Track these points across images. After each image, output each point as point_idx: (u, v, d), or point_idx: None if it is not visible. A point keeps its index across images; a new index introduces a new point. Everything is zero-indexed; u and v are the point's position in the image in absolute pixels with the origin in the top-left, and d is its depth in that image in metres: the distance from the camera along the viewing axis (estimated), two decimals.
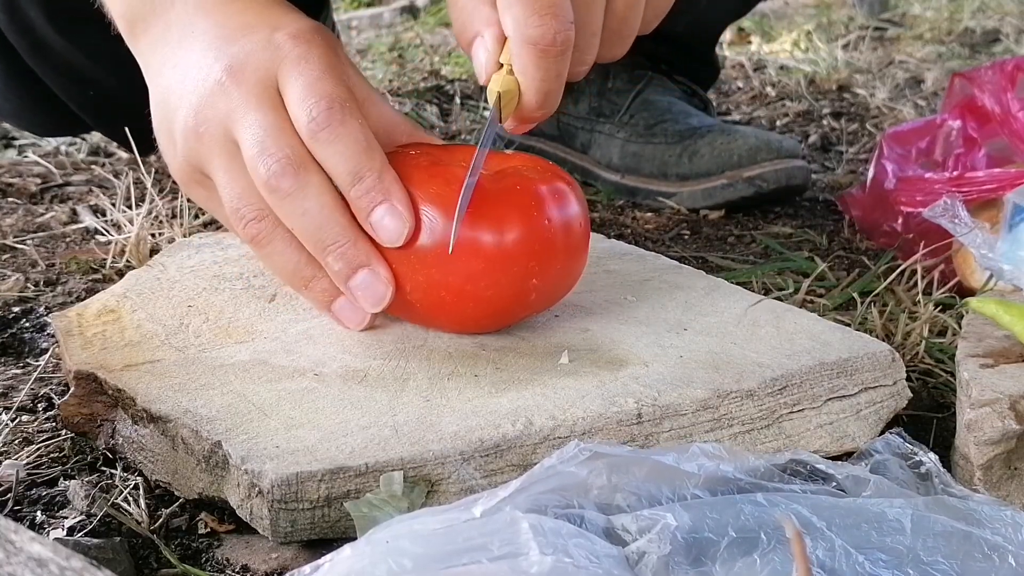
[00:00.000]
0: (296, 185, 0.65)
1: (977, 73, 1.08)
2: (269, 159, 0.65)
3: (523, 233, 0.67)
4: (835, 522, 0.53)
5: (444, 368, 0.68)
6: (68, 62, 1.06)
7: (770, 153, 1.21)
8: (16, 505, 0.66)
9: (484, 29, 0.66)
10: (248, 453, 0.59)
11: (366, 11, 2.61)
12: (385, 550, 0.46)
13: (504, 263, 0.67)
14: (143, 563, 0.61)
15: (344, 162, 0.65)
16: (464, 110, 1.69)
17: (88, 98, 1.11)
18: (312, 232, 0.67)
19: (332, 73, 0.67)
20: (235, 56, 0.67)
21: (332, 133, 0.65)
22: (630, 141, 1.27)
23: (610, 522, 0.52)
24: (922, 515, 0.54)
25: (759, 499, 0.54)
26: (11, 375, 0.82)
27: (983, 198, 0.95)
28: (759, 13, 2.40)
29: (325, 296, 0.70)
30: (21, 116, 1.24)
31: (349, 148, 0.65)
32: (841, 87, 1.85)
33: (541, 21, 0.63)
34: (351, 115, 0.66)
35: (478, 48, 0.67)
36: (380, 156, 0.66)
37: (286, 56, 0.67)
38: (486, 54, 0.67)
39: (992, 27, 2.33)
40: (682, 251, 1.10)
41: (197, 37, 0.70)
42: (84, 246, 1.12)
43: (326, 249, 0.67)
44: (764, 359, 0.69)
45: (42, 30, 1.02)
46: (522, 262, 0.67)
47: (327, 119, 0.65)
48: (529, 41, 0.63)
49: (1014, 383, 0.65)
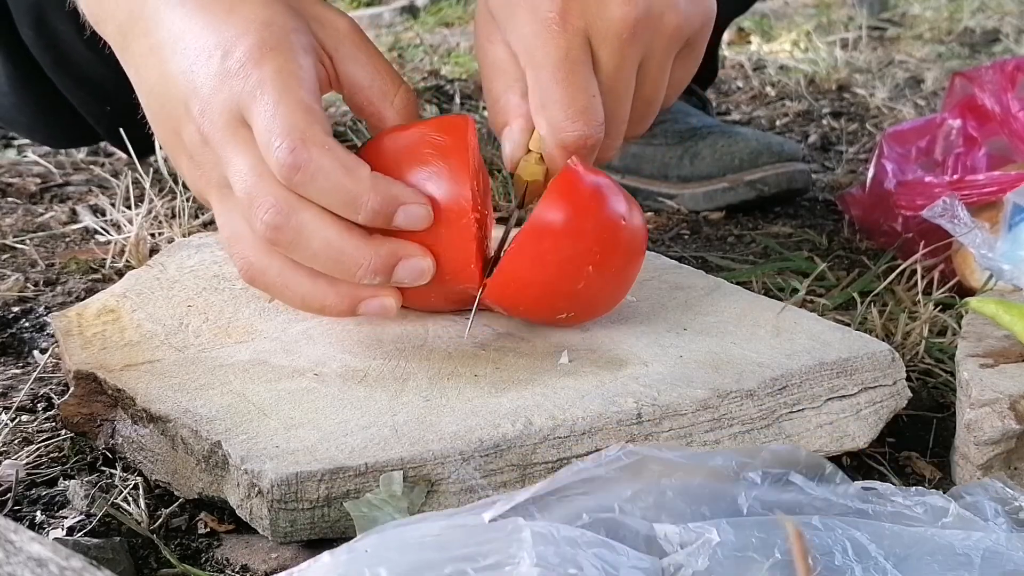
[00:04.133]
0: (293, 232, 0.64)
1: (977, 73, 1.08)
2: (259, 210, 0.64)
3: (593, 218, 0.69)
4: (894, 552, 0.49)
5: (444, 368, 0.68)
6: (90, 76, 1.06)
7: (771, 156, 1.21)
8: (16, 505, 0.66)
9: (513, 120, 0.71)
10: (248, 453, 0.59)
11: (366, 11, 2.61)
12: (363, 559, 0.44)
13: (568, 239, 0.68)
14: (143, 563, 0.61)
15: (333, 196, 0.64)
16: (464, 110, 1.69)
17: (105, 112, 1.11)
18: (332, 267, 0.65)
19: (288, 95, 0.64)
20: (202, 95, 0.65)
21: (305, 174, 0.63)
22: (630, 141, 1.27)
23: (653, 530, 0.50)
24: (996, 551, 0.50)
25: (814, 522, 0.51)
26: (11, 375, 0.82)
27: (983, 200, 0.95)
28: (759, 13, 2.41)
29: (343, 307, 0.68)
30: (35, 129, 1.24)
31: (330, 181, 0.63)
32: (841, 87, 1.85)
33: (574, 127, 0.69)
34: (316, 144, 0.63)
35: (506, 137, 0.72)
36: (363, 170, 0.64)
37: (241, 90, 0.64)
38: (512, 144, 0.72)
39: (992, 27, 2.33)
40: (682, 251, 1.10)
41: (168, 46, 0.68)
42: (84, 246, 1.12)
43: (355, 275, 0.65)
44: (764, 359, 0.69)
45: (69, 44, 1.02)
46: (585, 244, 0.68)
47: (294, 161, 0.62)
48: (562, 144, 0.69)
49: (1014, 383, 0.65)
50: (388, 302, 0.67)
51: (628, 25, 0.68)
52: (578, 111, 0.68)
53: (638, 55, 0.70)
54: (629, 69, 0.70)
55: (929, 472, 0.71)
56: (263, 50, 0.65)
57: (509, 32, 0.70)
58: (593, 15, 0.68)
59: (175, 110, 0.67)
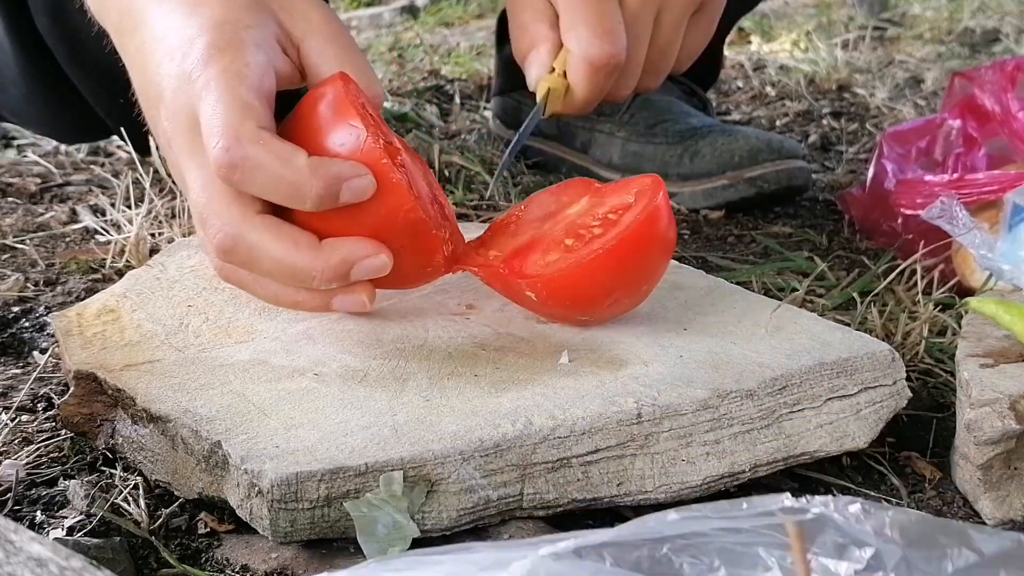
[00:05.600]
0: (244, 254, 0.64)
1: (977, 73, 1.08)
2: (210, 233, 0.65)
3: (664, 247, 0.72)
4: None
5: (444, 368, 0.68)
6: (104, 68, 1.05)
7: (771, 154, 1.21)
8: (16, 505, 0.66)
9: (541, 43, 0.79)
10: (248, 453, 0.59)
11: (366, 11, 2.61)
12: None
13: None
14: (143, 563, 0.61)
15: (275, 191, 0.64)
16: (464, 110, 1.69)
17: (117, 105, 1.11)
18: (288, 281, 0.66)
19: (228, 94, 0.63)
20: (166, 100, 0.66)
21: (243, 172, 0.63)
22: (630, 141, 1.27)
23: None
24: None
25: None
26: (11, 375, 0.82)
27: (983, 201, 0.95)
28: (759, 13, 2.40)
29: (315, 304, 0.68)
30: (42, 121, 1.24)
31: (268, 175, 0.63)
32: (841, 87, 1.84)
33: (600, 43, 0.76)
34: (249, 139, 0.62)
35: (533, 57, 0.80)
36: (299, 158, 0.63)
37: (194, 93, 0.64)
38: (539, 62, 0.80)
39: (992, 27, 2.33)
40: (682, 251, 1.10)
41: (148, 45, 0.69)
42: (84, 246, 1.12)
43: (311, 285, 0.66)
44: (764, 359, 0.69)
45: (85, 35, 1.02)
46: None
47: (229, 160, 0.62)
48: (587, 58, 0.77)
49: (1014, 383, 0.65)
50: (360, 298, 0.67)
51: None
52: (606, 31, 0.76)
53: (657, 2, 0.79)
54: (650, 10, 0.79)
55: (929, 472, 0.71)
56: (212, 51, 0.65)
57: None
58: None
59: (153, 110, 0.69)
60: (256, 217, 0.65)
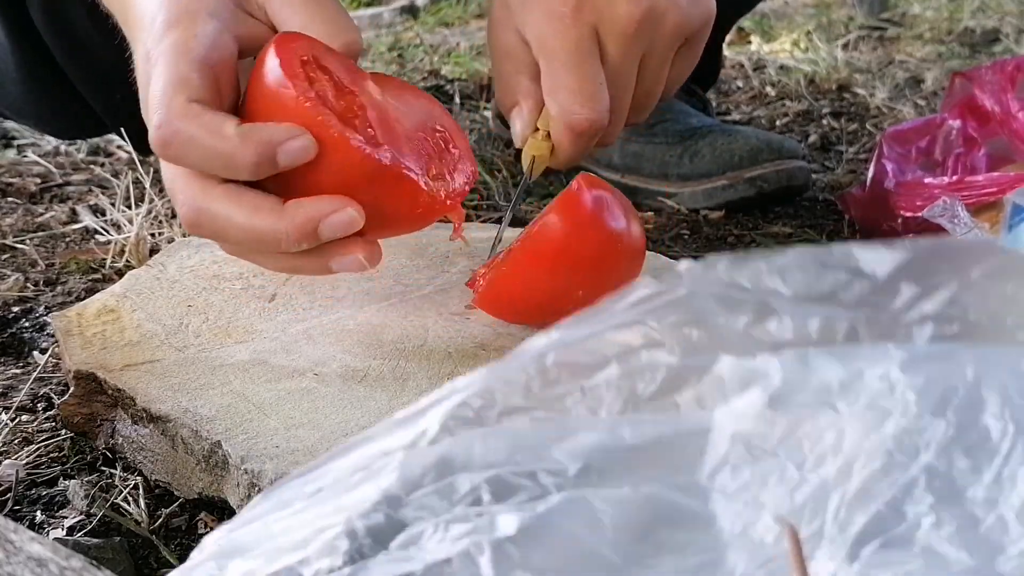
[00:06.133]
0: (210, 226, 0.63)
1: (977, 73, 1.08)
2: (180, 210, 0.64)
3: (591, 239, 0.71)
4: None
5: (444, 368, 0.68)
6: (102, 64, 1.05)
7: (771, 154, 1.21)
8: (16, 505, 0.66)
9: (523, 100, 0.78)
10: (248, 453, 0.59)
11: (366, 11, 2.61)
12: None
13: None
14: (143, 563, 0.61)
15: (210, 163, 0.62)
16: (464, 110, 1.69)
17: (115, 101, 1.11)
18: (256, 247, 0.65)
19: (168, 69, 0.62)
20: (141, 83, 0.66)
21: (176, 148, 0.62)
22: (630, 140, 1.27)
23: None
24: None
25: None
26: (11, 375, 0.82)
27: (982, 202, 0.95)
28: (759, 13, 2.40)
29: (315, 267, 0.66)
30: (41, 118, 1.24)
31: (200, 149, 0.62)
32: (841, 87, 1.84)
33: (581, 109, 0.75)
34: (178, 114, 0.61)
35: (516, 115, 0.79)
36: (227, 127, 0.61)
37: (149, 71, 0.64)
38: (522, 122, 0.79)
39: (992, 27, 2.33)
40: (682, 251, 1.10)
41: (134, 28, 0.69)
42: (84, 246, 1.12)
43: (280, 245, 0.64)
44: None
45: (82, 29, 1.02)
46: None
47: (161, 137, 0.61)
48: (569, 126, 0.75)
49: None
50: (356, 257, 0.65)
51: (633, 21, 0.74)
52: (587, 97, 0.75)
53: (641, 49, 0.76)
54: (632, 62, 0.77)
55: None
56: (165, 27, 0.64)
57: (523, 22, 0.76)
58: (602, 11, 0.74)
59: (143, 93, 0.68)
60: (217, 188, 0.63)
